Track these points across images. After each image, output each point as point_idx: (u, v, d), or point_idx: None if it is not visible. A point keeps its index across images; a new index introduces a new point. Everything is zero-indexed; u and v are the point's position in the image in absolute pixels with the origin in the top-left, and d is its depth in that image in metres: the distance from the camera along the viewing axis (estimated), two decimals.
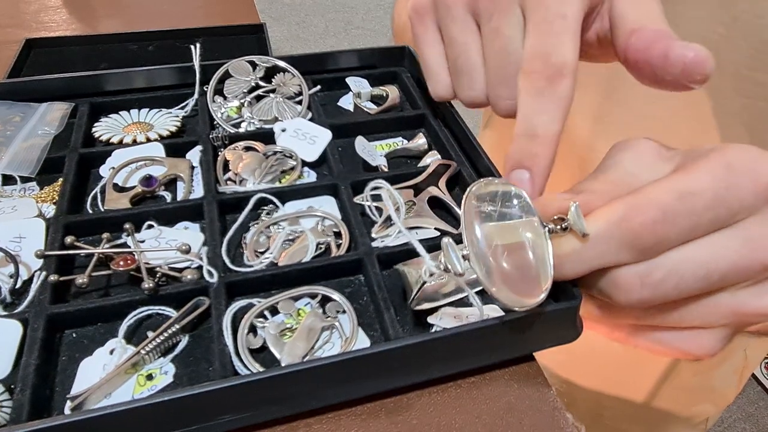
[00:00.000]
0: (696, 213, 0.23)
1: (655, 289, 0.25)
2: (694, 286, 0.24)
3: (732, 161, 0.24)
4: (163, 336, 0.30)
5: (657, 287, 0.24)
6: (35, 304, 0.30)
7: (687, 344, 0.27)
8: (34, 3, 0.82)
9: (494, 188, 0.27)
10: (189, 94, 0.46)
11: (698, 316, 0.26)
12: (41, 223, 0.35)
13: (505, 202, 0.27)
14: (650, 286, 0.24)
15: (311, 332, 0.31)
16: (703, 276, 0.24)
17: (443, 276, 0.32)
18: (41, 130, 0.41)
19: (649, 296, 0.25)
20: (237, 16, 0.84)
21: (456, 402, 0.29)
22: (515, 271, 0.26)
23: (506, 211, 0.27)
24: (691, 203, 0.23)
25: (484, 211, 0.26)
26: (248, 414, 0.27)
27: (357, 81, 0.50)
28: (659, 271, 0.24)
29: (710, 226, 0.24)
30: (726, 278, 0.24)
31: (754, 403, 1.57)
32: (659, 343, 0.28)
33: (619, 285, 0.25)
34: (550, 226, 0.26)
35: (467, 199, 0.26)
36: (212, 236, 0.35)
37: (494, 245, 0.26)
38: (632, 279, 0.25)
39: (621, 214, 0.24)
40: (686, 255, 0.24)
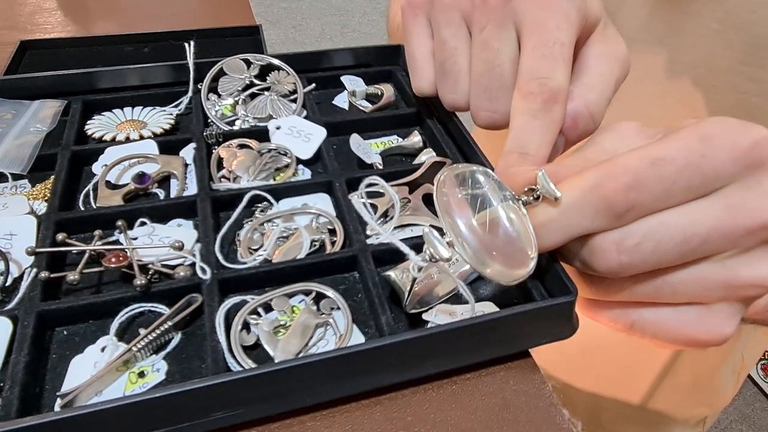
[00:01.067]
0: (667, 178, 0.24)
1: (632, 255, 0.25)
2: (673, 251, 0.24)
3: (708, 132, 0.24)
4: (156, 333, 0.30)
5: (634, 252, 0.25)
6: (25, 301, 0.30)
7: (694, 330, 0.27)
8: (29, 5, 0.82)
9: (461, 172, 0.28)
10: (183, 92, 0.46)
11: (693, 289, 0.26)
12: (32, 220, 0.34)
13: (474, 183, 0.28)
14: (627, 251, 0.25)
15: (305, 329, 0.31)
16: (681, 240, 0.24)
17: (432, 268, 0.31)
18: (33, 127, 0.41)
19: (627, 261, 0.25)
20: (232, 19, 0.84)
21: (452, 398, 0.29)
22: (500, 247, 0.26)
23: (478, 191, 0.28)
24: (661, 168, 0.24)
25: (457, 196, 0.27)
26: (241, 411, 0.26)
27: (352, 79, 0.49)
28: (634, 237, 0.25)
29: (685, 192, 0.24)
30: (707, 243, 0.24)
31: (750, 405, 1.57)
32: (664, 331, 0.28)
33: (596, 252, 0.26)
34: (523, 198, 0.27)
35: (438, 189, 0.27)
36: (206, 233, 0.34)
37: (473, 226, 0.26)
38: (608, 245, 0.25)
39: (593, 181, 0.25)
40: (662, 220, 0.25)
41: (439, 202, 0.26)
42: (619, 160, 0.25)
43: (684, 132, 0.25)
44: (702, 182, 0.24)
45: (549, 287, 0.31)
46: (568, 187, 0.26)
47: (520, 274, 0.26)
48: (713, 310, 0.27)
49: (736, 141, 0.24)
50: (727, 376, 0.66)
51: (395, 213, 0.36)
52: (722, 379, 0.66)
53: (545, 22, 0.30)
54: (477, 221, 0.26)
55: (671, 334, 0.28)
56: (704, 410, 0.70)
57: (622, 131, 0.28)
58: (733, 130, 0.24)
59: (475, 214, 0.27)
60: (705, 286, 0.26)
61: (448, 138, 0.43)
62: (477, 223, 0.26)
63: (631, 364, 0.64)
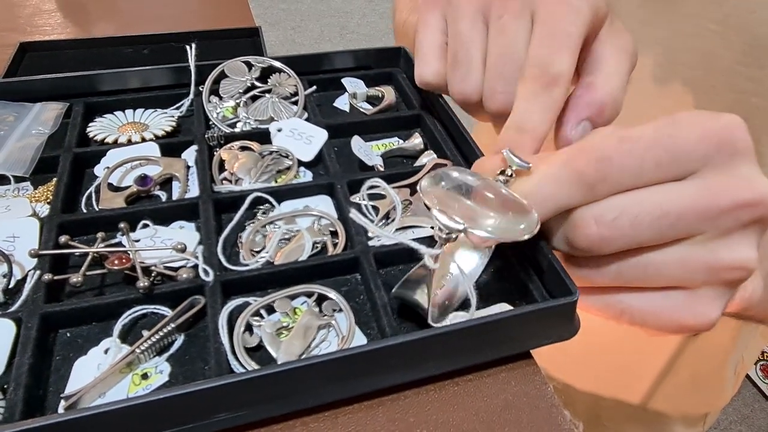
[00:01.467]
0: (636, 153, 0.25)
1: (611, 228, 0.26)
2: (650, 226, 0.25)
3: (677, 117, 0.26)
4: (159, 335, 0.30)
5: (612, 226, 0.26)
6: (29, 303, 0.30)
7: (681, 314, 0.28)
8: (29, 7, 0.82)
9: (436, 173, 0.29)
10: (184, 95, 0.46)
11: (676, 271, 0.27)
12: (35, 222, 0.35)
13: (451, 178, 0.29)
14: (605, 225, 0.26)
15: (308, 331, 0.31)
16: (658, 216, 0.25)
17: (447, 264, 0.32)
18: (35, 129, 0.41)
19: (607, 234, 0.26)
20: (232, 20, 0.84)
21: (453, 399, 0.29)
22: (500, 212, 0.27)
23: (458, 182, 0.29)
24: (630, 144, 0.25)
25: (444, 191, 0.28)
26: (244, 412, 0.27)
27: (353, 82, 0.50)
28: (612, 212, 0.26)
29: (656, 169, 0.25)
30: (683, 220, 0.25)
31: (750, 405, 1.57)
32: (653, 317, 0.28)
33: (577, 226, 0.27)
34: (500, 178, 0.29)
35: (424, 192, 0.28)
36: (208, 235, 0.34)
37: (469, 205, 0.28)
38: (587, 219, 0.26)
39: (566, 157, 0.27)
40: (639, 197, 0.26)
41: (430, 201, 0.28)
42: (589, 138, 0.27)
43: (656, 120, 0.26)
44: (672, 160, 0.25)
45: (550, 288, 0.32)
46: (543, 164, 0.27)
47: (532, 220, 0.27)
48: (698, 295, 0.28)
49: (706, 124, 0.25)
50: (728, 375, 0.66)
51: (397, 215, 0.36)
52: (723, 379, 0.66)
53: (556, 14, 0.31)
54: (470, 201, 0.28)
55: (659, 320, 0.29)
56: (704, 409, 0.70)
57: None
58: (703, 116, 0.26)
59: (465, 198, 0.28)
60: (688, 268, 0.27)
61: (449, 139, 0.43)
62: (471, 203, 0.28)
63: (632, 364, 0.64)
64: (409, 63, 0.50)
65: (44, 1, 0.84)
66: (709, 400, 0.69)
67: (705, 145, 0.25)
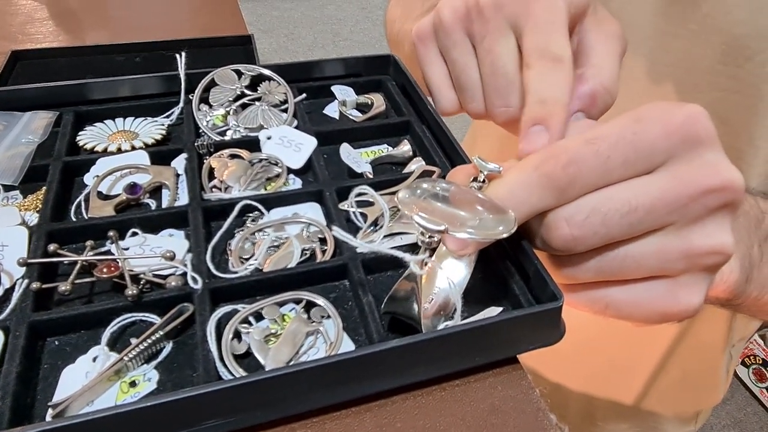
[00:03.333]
0: (602, 153, 0.26)
1: (582, 228, 0.27)
2: (621, 222, 0.26)
3: (640, 113, 0.26)
4: (147, 342, 0.30)
5: (583, 226, 0.27)
6: (17, 311, 0.30)
7: (664, 303, 0.28)
8: (21, 15, 0.82)
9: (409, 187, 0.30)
10: (174, 103, 0.46)
11: (654, 262, 0.27)
12: (24, 231, 0.35)
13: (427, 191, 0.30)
14: (576, 225, 0.27)
15: (296, 337, 0.31)
16: (627, 212, 0.26)
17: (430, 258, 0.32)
18: (25, 138, 0.41)
19: (579, 234, 0.27)
20: (224, 28, 0.85)
21: (440, 404, 0.29)
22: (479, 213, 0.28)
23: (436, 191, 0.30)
24: (596, 145, 0.26)
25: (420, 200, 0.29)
26: (232, 419, 0.27)
27: (342, 89, 0.50)
28: (582, 212, 0.27)
29: (623, 167, 0.26)
30: (653, 213, 0.26)
31: (743, 409, 1.58)
32: (637, 308, 0.29)
33: (550, 228, 0.28)
34: (473, 185, 0.30)
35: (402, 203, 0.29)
36: (197, 243, 0.35)
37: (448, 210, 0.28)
38: (559, 221, 0.27)
39: (536, 162, 0.27)
40: (607, 195, 0.26)
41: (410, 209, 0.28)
42: (557, 143, 0.28)
43: (620, 117, 0.27)
44: (637, 156, 0.26)
45: (536, 294, 0.32)
46: (513, 170, 0.28)
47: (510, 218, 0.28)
48: (680, 283, 0.28)
49: (668, 117, 0.26)
50: (721, 373, 0.67)
51: (385, 222, 0.36)
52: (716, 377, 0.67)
53: (535, 13, 0.32)
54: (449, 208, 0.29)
55: (644, 311, 0.29)
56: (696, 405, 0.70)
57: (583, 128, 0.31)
58: (665, 109, 0.26)
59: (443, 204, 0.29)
60: (665, 258, 0.27)
61: (438, 147, 0.43)
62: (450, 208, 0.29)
63: (624, 363, 0.65)
64: (399, 71, 0.50)
65: (36, 10, 0.84)
66: (701, 398, 0.70)
67: (669, 139, 0.26)
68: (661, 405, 0.67)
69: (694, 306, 0.28)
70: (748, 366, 1.63)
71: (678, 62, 0.42)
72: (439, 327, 0.31)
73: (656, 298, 0.29)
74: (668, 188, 0.26)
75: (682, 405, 0.69)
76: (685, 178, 0.26)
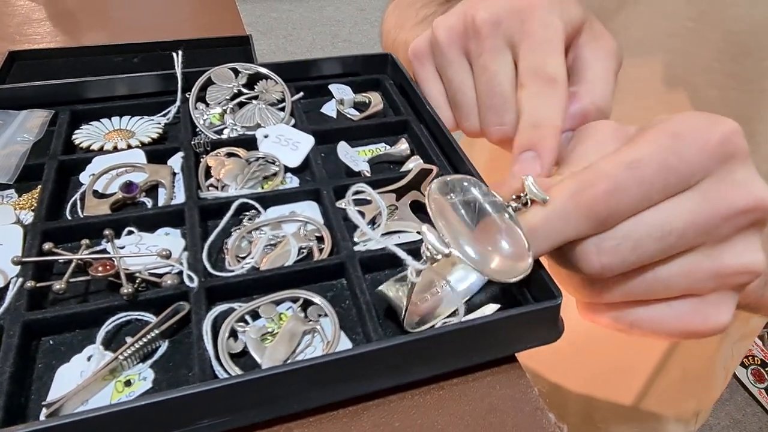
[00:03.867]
0: (645, 181, 0.25)
1: (612, 256, 0.26)
2: (652, 247, 0.25)
3: (678, 129, 0.25)
4: (142, 341, 0.30)
5: (614, 253, 0.26)
6: (11, 310, 0.30)
7: (691, 322, 0.28)
8: (18, 15, 0.82)
9: (450, 180, 0.29)
10: (171, 102, 0.46)
11: (683, 283, 0.27)
12: (19, 230, 0.34)
13: (464, 191, 0.28)
14: (606, 252, 0.26)
15: (292, 336, 0.31)
16: (659, 237, 0.25)
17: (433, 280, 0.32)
18: (20, 137, 0.41)
19: (608, 262, 0.26)
20: (223, 29, 0.84)
21: (438, 403, 0.29)
22: (496, 244, 0.27)
23: (468, 197, 0.28)
24: (639, 172, 0.25)
25: (449, 202, 0.28)
26: (228, 418, 0.26)
27: (340, 88, 0.50)
28: (614, 238, 0.26)
29: (663, 192, 0.25)
30: (686, 236, 0.25)
31: (742, 410, 1.57)
32: (663, 326, 0.28)
33: (578, 255, 0.27)
34: (513, 204, 0.28)
35: (430, 196, 0.27)
36: (193, 241, 0.34)
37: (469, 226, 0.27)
38: (589, 248, 0.26)
39: (574, 189, 0.26)
40: (639, 220, 0.25)
41: (431, 207, 0.27)
42: (597, 167, 0.26)
43: (655, 132, 0.26)
44: (678, 180, 0.25)
45: (534, 292, 0.32)
46: (551, 196, 0.27)
47: (521, 267, 0.26)
48: (707, 301, 0.27)
49: (705, 137, 0.25)
50: (718, 371, 0.66)
51: (382, 220, 0.36)
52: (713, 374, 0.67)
53: (532, 31, 0.32)
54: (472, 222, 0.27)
55: (670, 329, 0.28)
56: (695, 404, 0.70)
57: (601, 137, 0.29)
58: (701, 126, 0.25)
59: (468, 217, 0.27)
60: (695, 278, 0.26)
61: (435, 145, 0.43)
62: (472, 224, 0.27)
63: (624, 362, 0.65)
64: (397, 70, 0.50)
65: (34, 10, 0.84)
66: (700, 397, 0.69)
67: (706, 160, 0.25)
68: (661, 405, 0.67)
69: (723, 324, 0.28)
70: (747, 367, 1.62)
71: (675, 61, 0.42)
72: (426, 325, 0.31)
73: (683, 317, 0.28)
74: (701, 210, 0.25)
75: (681, 404, 0.69)
76: (717, 198, 0.25)
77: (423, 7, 0.57)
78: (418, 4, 0.58)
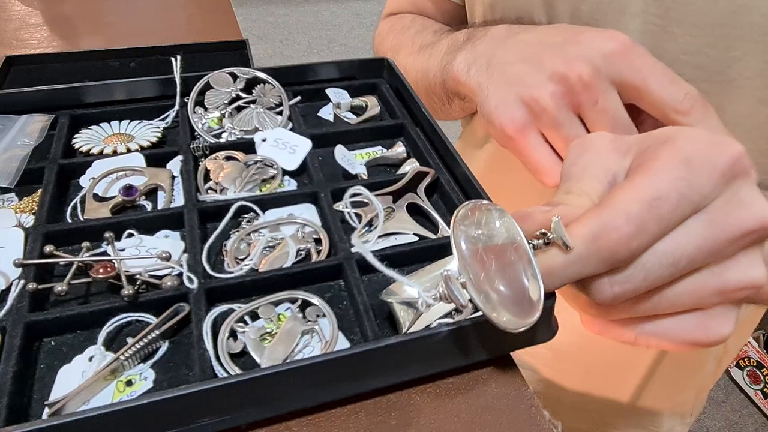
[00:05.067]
0: (665, 218, 0.25)
1: (624, 285, 0.26)
2: (663, 274, 0.26)
3: (688, 155, 0.25)
4: (143, 342, 0.30)
5: (626, 283, 0.26)
6: (13, 312, 0.30)
7: (694, 334, 0.28)
8: (15, 20, 0.82)
9: (479, 212, 0.28)
10: (170, 106, 0.46)
11: (688, 300, 0.27)
12: (20, 232, 0.35)
13: (489, 223, 0.28)
14: (618, 283, 0.26)
15: (291, 336, 0.31)
16: (669, 264, 0.25)
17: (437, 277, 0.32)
18: (21, 141, 0.41)
19: (621, 291, 0.26)
20: (219, 34, 0.85)
21: (435, 402, 0.30)
22: (511, 293, 0.26)
23: (492, 232, 0.27)
24: (658, 210, 0.25)
25: (473, 236, 0.27)
26: (228, 417, 0.27)
27: (337, 92, 0.50)
28: (625, 270, 0.26)
29: (677, 223, 0.25)
30: (695, 261, 0.26)
31: (738, 411, 1.58)
32: (667, 339, 0.29)
33: (590, 287, 0.27)
34: (535, 242, 0.27)
35: (455, 226, 0.27)
36: (192, 244, 0.35)
37: (488, 270, 0.26)
38: (600, 280, 0.26)
39: (596, 231, 0.25)
40: (651, 249, 0.25)
41: (455, 242, 0.26)
42: (618, 205, 0.25)
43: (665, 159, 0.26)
44: (691, 209, 0.25)
45: None
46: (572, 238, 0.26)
47: (526, 323, 0.26)
48: (710, 314, 0.28)
49: (715, 162, 0.25)
50: (710, 364, 0.67)
51: (379, 222, 0.37)
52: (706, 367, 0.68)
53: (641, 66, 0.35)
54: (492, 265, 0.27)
55: (674, 341, 0.29)
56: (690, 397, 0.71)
57: (599, 150, 0.29)
58: (710, 152, 0.25)
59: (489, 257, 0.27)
60: (699, 295, 0.27)
61: (431, 148, 0.43)
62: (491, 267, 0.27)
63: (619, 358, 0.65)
64: (393, 74, 0.51)
65: (30, 15, 0.84)
66: (694, 390, 0.70)
67: (716, 183, 0.25)
68: (656, 399, 0.68)
69: (725, 335, 0.28)
70: (743, 368, 1.63)
71: None
72: None
73: (688, 330, 0.28)
74: (708, 235, 0.25)
75: (676, 398, 0.69)
76: (724, 222, 0.25)
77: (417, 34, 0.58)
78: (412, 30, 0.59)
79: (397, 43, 0.60)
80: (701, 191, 0.25)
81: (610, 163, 0.29)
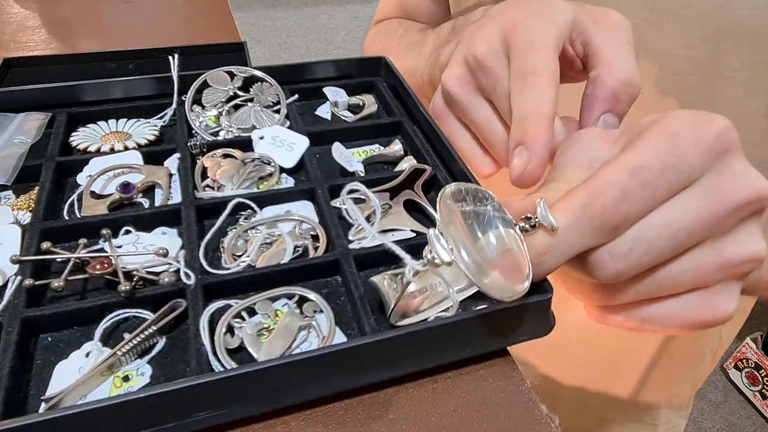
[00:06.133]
0: (650, 184, 0.25)
1: (626, 260, 0.26)
2: (664, 247, 0.26)
3: (674, 129, 0.26)
4: (140, 338, 0.30)
5: (628, 257, 0.26)
6: (10, 308, 0.30)
7: (700, 314, 0.28)
8: (12, 23, 0.82)
9: (465, 188, 0.29)
10: (167, 104, 0.46)
11: (691, 278, 0.27)
12: (17, 229, 0.35)
13: (477, 202, 0.28)
14: (620, 258, 0.26)
15: (288, 331, 0.31)
16: (670, 236, 0.26)
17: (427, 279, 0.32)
18: (18, 139, 0.41)
19: (624, 267, 0.26)
20: (218, 37, 0.85)
21: (432, 396, 0.30)
22: (498, 261, 0.27)
23: (479, 209, 0.28)
24: (643, 176, 0.25)
25: (460, 210, 0.27)
26: (225, 411, 0.27)
27: (334, 90, 0.50)
28: (626, 243, 0.26)
29: (667, 192, 0.26)
30: (695, 233, 0.26)
31: (736, 413, 1.58)
32: (673, 321, 0.29)
33: (593, 265, 0.27)
34: (521, 224, 0.27)
35: (442, 199, 0.27)
36: (190, 240, 0.35)
37: (475, 237, 0.27)
38: (602, 256, 0.26)
39: (583, 201, 0.26)
40: (649, 222, 0.26)
41: (441, 212, 0.27)
42: (602, 176, 0.26)
43: (651, 134, 0.26)
44: (680, 179, 0.26)
45: None
46: (560, 212, 0.26)
47: (517, 290, 0.27)
48: (714, 292, 0.28)
49: (701, 134, 0.26)
50: (706, 355, 0.67)
51: (376, 218, 0.37)
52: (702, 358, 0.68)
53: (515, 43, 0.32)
54: (479, 233, 0.27)
55: (680, 322, 0.29)
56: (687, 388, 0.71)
57: (586, 142, 0.30)
58: (696, 125, 0.26)
59: (475, 228, 0.27)
60: (702, 272, 0.27)
61: (428, 146, 0.44)
62: (478, 235, 0.27)
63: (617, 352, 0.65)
64: (390, 72, 0.51)
65: (28, 18, 0.85)
66: (690, 381, 0.70)
67: (704, 157, 0.26)
68: (653, 392, 0.68)
69: (730, 312, 0.28)
70: (741, 370, 1.63)
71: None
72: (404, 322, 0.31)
73: (692, 310, 0.28)
74: (705, 206, 0.26)
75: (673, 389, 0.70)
76: (719, 193, 0.26)
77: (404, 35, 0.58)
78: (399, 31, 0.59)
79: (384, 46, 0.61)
80: (688, 161, 0.25)
81: (597, 152, 0.29)
